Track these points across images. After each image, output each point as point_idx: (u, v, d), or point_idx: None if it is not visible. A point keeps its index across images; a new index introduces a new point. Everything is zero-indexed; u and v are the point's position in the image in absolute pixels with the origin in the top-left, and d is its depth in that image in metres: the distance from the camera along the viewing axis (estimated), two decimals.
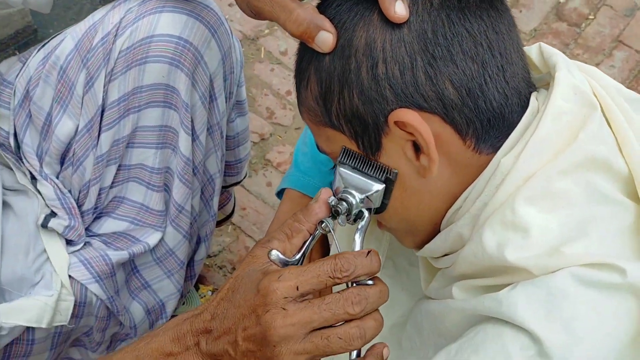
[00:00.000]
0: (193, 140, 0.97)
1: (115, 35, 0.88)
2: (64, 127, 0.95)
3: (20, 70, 0.97)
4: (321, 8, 0.68)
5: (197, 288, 1.51)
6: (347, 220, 0.68)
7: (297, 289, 0.61)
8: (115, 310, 1.04)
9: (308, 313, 0.60)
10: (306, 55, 0.69)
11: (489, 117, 0.65)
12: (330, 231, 0.66)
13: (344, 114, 0.67)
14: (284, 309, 0.60)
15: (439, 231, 0.72)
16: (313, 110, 0.70)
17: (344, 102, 0.66)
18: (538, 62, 0.74)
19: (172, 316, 1.23)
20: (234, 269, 1.57)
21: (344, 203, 0.67)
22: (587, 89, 0.68)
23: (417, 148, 0.66)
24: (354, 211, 0.67)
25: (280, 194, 1.10)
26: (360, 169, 0.67)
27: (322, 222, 0.66)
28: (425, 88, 0.63)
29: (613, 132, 0.68)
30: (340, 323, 0.61)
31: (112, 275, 1.02)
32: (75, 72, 0.91)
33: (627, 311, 0.61)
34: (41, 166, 0.98)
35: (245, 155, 1.21)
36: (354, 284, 0.63)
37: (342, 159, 0.68)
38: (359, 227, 0.67)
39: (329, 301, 0.61)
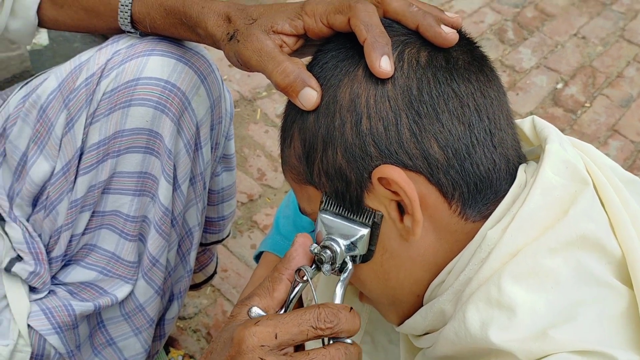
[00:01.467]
0: (174, 189, 0.92)
1: (100, 77, 0.85)
2: (39, 168, 0.90)
3: (0, 107, 0.94)
4: (309, 67, 0.68)
5: (167, 351, 1.43)
6: (332, 270, 0.64)
7: (276, 337, 0.56)
8: None
9: None
10: (291, 114, 0.68)
11: (476, 182, 0.63)
12: (308, 280, 0.61)
13: (326, 172, 0.64)
14: (260, 358, 0.55)
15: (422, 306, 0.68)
16: (295, 168, 0.68)
17: (327, 160, 0.64)
18: (530, 134, 0.72)
19: None
20: (208, 333, 1.49)
21: (328, 251, 0.63)
22: (580, 164, 0.66)
23: (401, 210, 0.63)
24: (339, 259, 0.63)
25: (258, 257, 1.06)
26: (344, 214, 0.64)
27: (299, 269, 0.62)
28: (410, 145, 0.61)
29: (606, 212, 0.65)
30: None
31: (75, 327, 0.95)
32: (55, 113, 0.87)
33: None
34: (11, 208, 0.93)
35: (229, 213, 1.16)
36: (332, 341, 0.58)
37: (325, 206, 0.65)
38: (341, 279, 0.63)
39: (314, 356, 0.56)
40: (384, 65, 0.61)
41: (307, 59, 0.71)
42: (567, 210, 0.62)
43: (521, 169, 0.66)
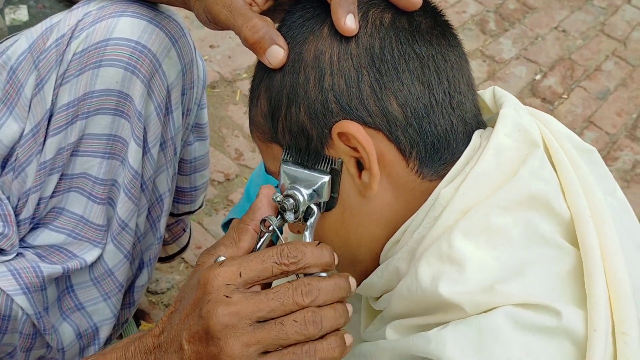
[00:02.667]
0: (144, 153, 0.93)
1: (70, 38, 0.85)
2: (9, 130, 0.90)
3: None
4: (278, 27, 0.69)
5: (138, 325, 1.43)
6: (296, 217, 0.65)
7: (240, 275, 0.57)
8: (42, 327, 0.97)
9: (254, 302, 0.56)
10: (259, 73, 0.70)
11: (433, 141, 0.65)
12: (275, 229, 0.63)
13: (290, 129, 0.66)
14: (226, 296, 0.56)
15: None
16: (261, 127, 0.69)
17: (291, 117, 0.66)
18: (490, 103, 0.74)
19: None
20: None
21: (290, 199, 0.65)
22: (533, 129, 0.67)
23: (359, 166, 0.65)
24: (302, 207, 0.65)
25: (227, 225, 1.07)
26: (304, 164, 0.66)
27: (264, 220, 0.63)
28: (370, 102, 0.63)
29: (558, 176, 0.67)
30: None
31: (43, 289, 0.96)
32: (25, 73, 0.87)
33: (562, 357, 0.58)
34: None
35: (202, 184, 1.17)
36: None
37: (285, 157, 0.67)
38: (308, 224, 0.65)
39: (277, 290, 0.57)
40: (349, 23, 0.63)
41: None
42: (517, 171, 0.64)
43: (477, 133, 0.67)
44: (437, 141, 0.65)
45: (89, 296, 1.04)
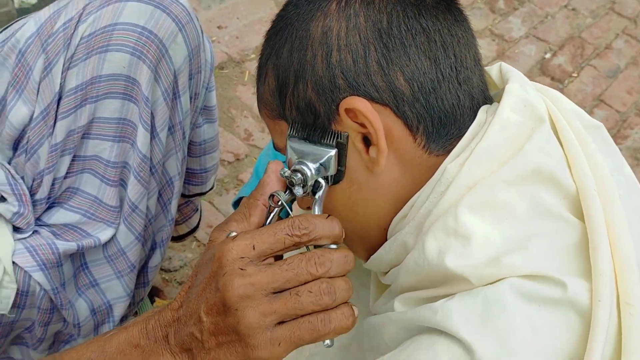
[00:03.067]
0: (152, 137, 0.95)
1: (78, 22, 0.86)
2: (19, 112, 0.92)
3: None
4: (284, 6, 0.70)
5: (152, 301, 1.47)
6: (305, 192, 0.66)
7: (254, 248, 0.58)
8: (59, 303, 1.00)
9: (268, 273, 0.57)
10: (266, 51, 0.70)
11: (440, 116, 0.65)
12: (283, 204, 0.64)
13: (297, 105, 0.67)
14: (241, 269, 0.57)
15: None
16: (269, 104, 0.70)
17: (298, 93, 0.66)
18: (497, 79, 0.74)
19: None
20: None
21: (298, 174, 0.66)
22: (539, 104, 0.68)
23: (367, 142, 0.66)
24: (310, 181, 0.66)
25: (237, 204, 1.09)
26: (311, 139, 0.66)
27: (272, 195, 0.65)
28: (377, 78, 0.64)
29: (564, 151, 0.67)
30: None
31: (59, 265, 0.99)
32: (33, 57, 0.89)
33: (566, 328, 0.59)
34: None
35: (212, 166, 1.19)
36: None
37: (291, 132, 0.67)
38: (316, 197, 0.66)
39: (291, 261, 0.58)
40: None
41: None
42: (523, 146, 0.64)
43: (482, 109, 0.68)
44: (444, 116, 0.65)
45: (102, 273, 1.07)
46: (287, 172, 0.66)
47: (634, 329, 0.59)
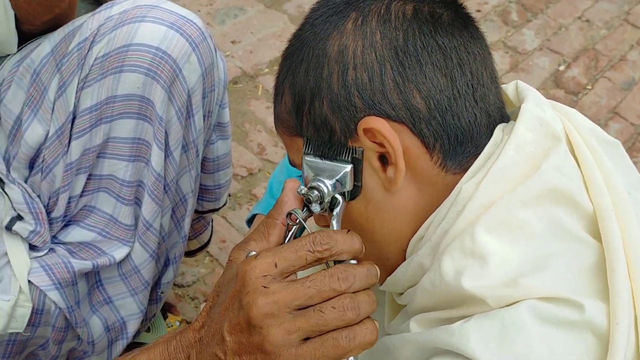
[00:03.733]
0: (166, 156, 0.96)
1: (92, 42, 0.87)
2: (34, 132, 0.93)
3: None
4: (301, 26, 0.70)
5: (165, 317, 1.47)
6: (322, 209, 0.66)
7: (276, 265, 0.58)
8: (74, 321, 1.01)
9: (292, 290, 0.57)
10: (282, 70, 0.70)
11: (457, 134, 0.65)
12: (301, 222, 0.64)
13: (314, 122, 0.67)
14: (264, 287, 0.57)
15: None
16: (286, 122, 0.70)
17: (314, 111, 0.66)
18: (513, 98, 0.74)
19: (136, 344, 1.20)
20: (206, 301, 1.54)
21: (315, 191, 0.66)
22: (555, 123, 0.67)
23: (383, 160, 0.66)
24: (327, 198, 0.66)
25: (251, 221, 1.09)
26: (326, 155, 0.67)
27: (290, 213, 0.65)
28: (393, 96, 0.64)
29: (581, 170, 0.67)
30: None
31: (74, 284, 1.00)
32: (48, 77, 0.90)
33: (584, 351, 0.59)
34: (8, 170, 0.97)
35: (225, 182, 1.20)
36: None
37: (307, 150, 0.68)
38: (334, 214, 0.66)
39: (314, 278, 0.58)
40: None
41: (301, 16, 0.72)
42: (540, 165, 0.64)
43: (499, 127, 0.68)
44: (460, 134, 0.65)
45: (117, 290, 1.08)
46: (304, 190, 0.66)
47: None
